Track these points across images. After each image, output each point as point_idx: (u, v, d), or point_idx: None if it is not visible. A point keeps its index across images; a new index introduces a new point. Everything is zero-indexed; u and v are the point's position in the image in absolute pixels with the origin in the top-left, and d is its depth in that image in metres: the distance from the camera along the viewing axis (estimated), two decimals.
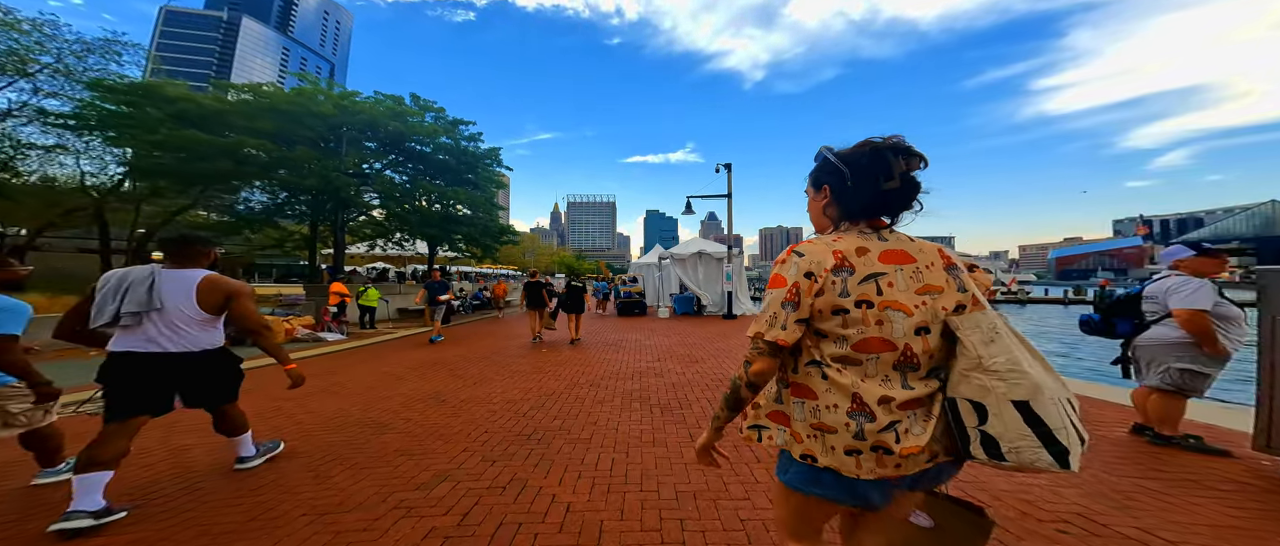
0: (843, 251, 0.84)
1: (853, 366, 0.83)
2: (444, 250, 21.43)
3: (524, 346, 7.59)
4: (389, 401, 4.11)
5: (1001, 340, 0.79)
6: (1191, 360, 2.60)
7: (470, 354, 6.80)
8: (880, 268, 0.83)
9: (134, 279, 2.05)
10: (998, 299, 37.72)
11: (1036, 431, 0.74)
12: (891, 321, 0.81)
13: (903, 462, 0.80)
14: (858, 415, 0.80)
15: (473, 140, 18.68)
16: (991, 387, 0.76)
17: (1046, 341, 16.70)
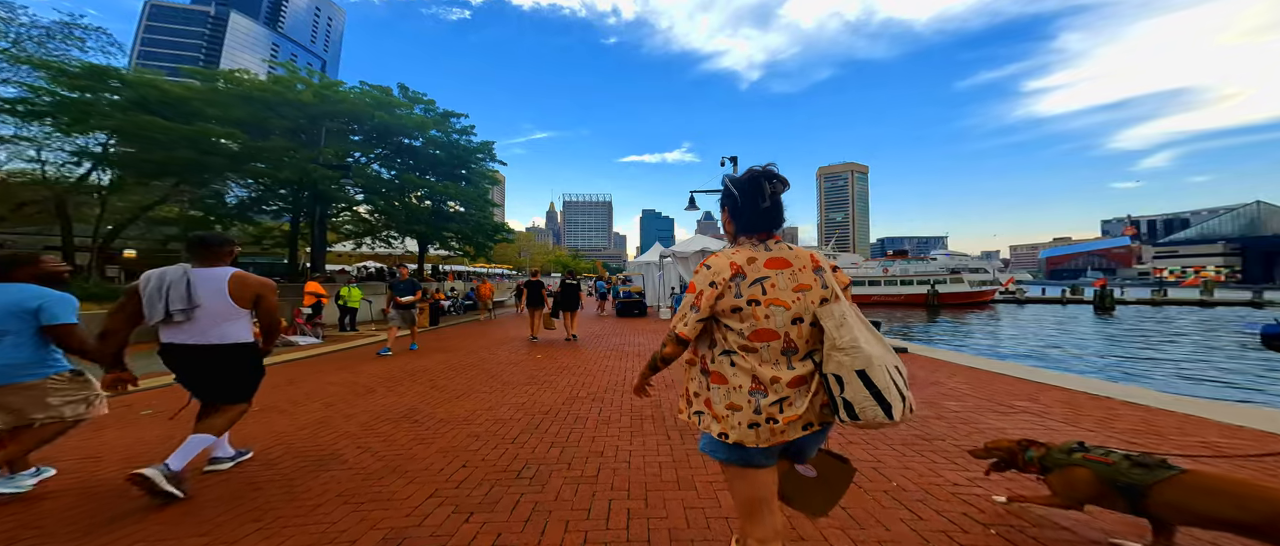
0: (738, 263, 1.09)
1: (751, 353, 1.07)
2: (435, 248, 20.61)
3: (517, 351, 6.90)
4: (348, 421, 3.41)
5: (848, 325, 1.03)
6: None
7: (455, 361, 6.09)
8: (765, 273, 1.08)
9: (171, 279, 2.17)
10: (997, 298, 37.69)
11: (871, 392, 0.98)
12: (775, 315, 1.06)
13: (786, 430, 1.04)
14: (756, 394, 1.04)
15: (464, 133, 17.91)
16: (843, 362, 1.00)
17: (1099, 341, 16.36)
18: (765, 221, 1.13)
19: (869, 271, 40.37)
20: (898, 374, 1.02)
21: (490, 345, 7.63)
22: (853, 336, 0.99)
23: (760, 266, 1.07)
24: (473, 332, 9.59)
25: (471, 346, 7.48)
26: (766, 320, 1.05)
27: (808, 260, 1.11)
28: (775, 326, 1.05)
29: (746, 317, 1.05)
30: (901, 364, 1.06)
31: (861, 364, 0.97)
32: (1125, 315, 28.00)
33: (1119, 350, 14.70)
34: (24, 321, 2.05)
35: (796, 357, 1.06)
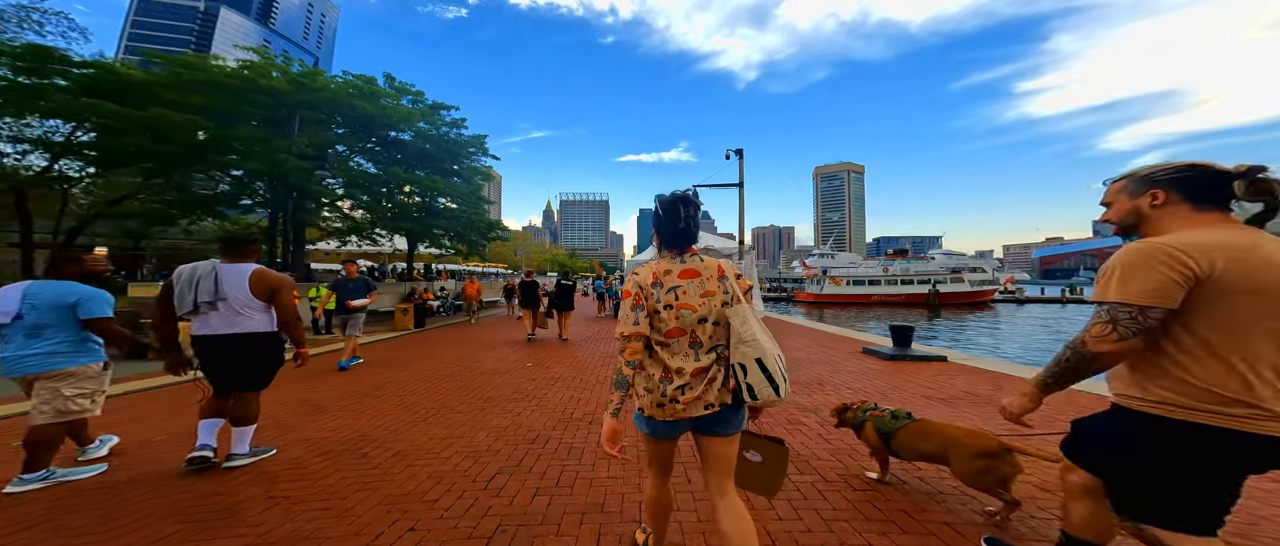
0: (656, 273, 1.33)
1: (665, 348, 1.31)
2: (425, 246, 19.77)
3: (505, 358, 6.18)
4: (274, 459, 2.67)
5: (750, 323, 1.27)
6: None
7: (433, 371, 5.36)
8: (679, 282, 1.31)
9: (201, 273, 2.44)
10: (997, 298, 37.38)
11: (765, 376, 1.23)
12: (684, 316, 1.29)
13: (686, 409, 1.27)
14: (665, 381, 1.28)
15: (455, 126, 17.12)
16: (746, 353, 1.25)
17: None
18: (681, 239, 1.36)
19: (869, 271, 39.93)
20: (780, 362, 1.28)
21: (476, 351, 6.90)
22: (753, 332, 1.26)
23: (675, 277, 1.32)
24: (458, 337, 8.85)
25: (455, 353, 6.75)
26: (677, 321, 1.29)
27: (715, 270, 1.35)
28: (684, 326, 1.29)
29: (663, 319, 1.30)
30: (782, 354, 1.31)
31: (759, 353, 1.24)
32: None
33: None
34: (63, 315, 2.27)
35: (702, 351, 1.30)
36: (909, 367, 5.05)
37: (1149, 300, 0.96)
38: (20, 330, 2.22)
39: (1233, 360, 0.94)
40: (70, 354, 2.30)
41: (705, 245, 12.17)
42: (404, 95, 15.35)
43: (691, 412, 1.26)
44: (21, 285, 2.30)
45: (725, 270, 1.34)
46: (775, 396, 1.22)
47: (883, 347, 5.85)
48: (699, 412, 1.27)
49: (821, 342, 7.18)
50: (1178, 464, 1.00)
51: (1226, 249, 0.94)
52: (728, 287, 1.31)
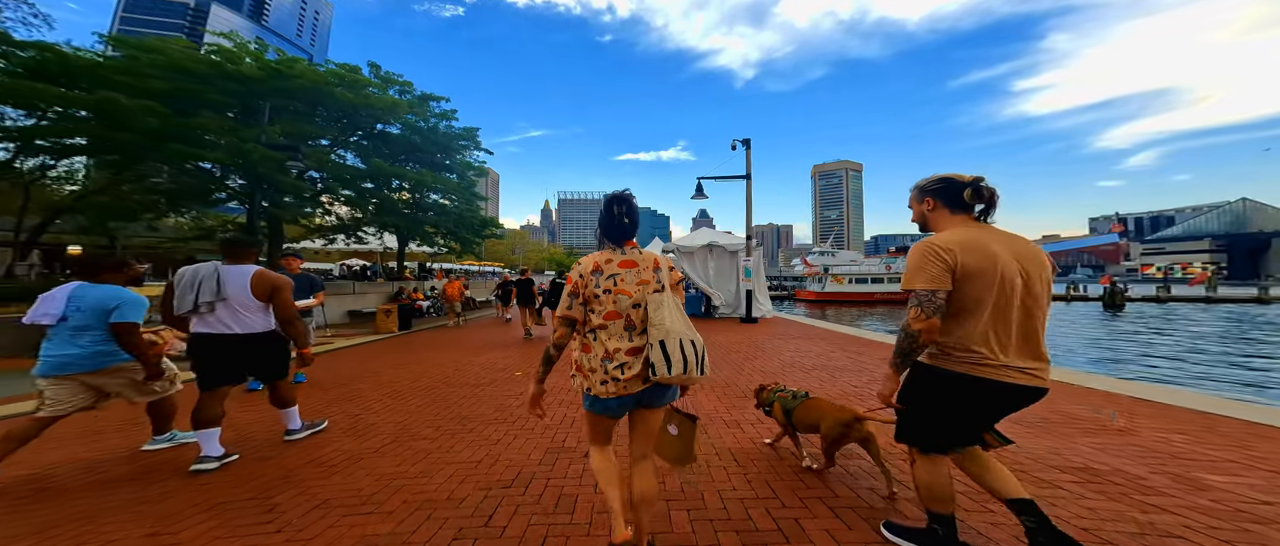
0: (598, 262, 1.49)
1: (604, 330, 1.44)
2: (417, 245, 18.97)
3: (490, 367, 5.45)
4: (139, 518, 1.94)
5: (664, 308, 1.41)
6: None
7: (402, 383, 4.63)
8: (617, 271, 1.47)
9: (204, 274, 2.51)
10: None
11: (664, 356, 1.34)
12: (620, 301, 1.44)
13: (627, 385, 1.41)
14: (606, 361, 1.42)
15: (445, 118, 16.32)
16: (653, 334, 1.38)
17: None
18: (618, 233, 1.52)
19: (871, 268, 39.34)
20: (691, 347, 1.37)
21: (461, 357, 6.17)
22: (662, 316, 1.40)
23: (614, 266, 1.48)
24: (445, 340, 8.12)
25: (436, 360, 6.02)
26: (614, 305, 1.44)
27: (651, 262, 1.51)
28: (620, 310, 1.44)
29: (601, 304, 1.45)
30: (699, 340, 1.41)
31: (663, 335, 1.37)
32: (1139, 313, 27.21)
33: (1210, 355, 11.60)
34: (103, 319, 2.36)
35: (636, 333, 1.45)
36: None
37: (934, 285, 1.33)
38: (65, 330, 2.31)
39: (979, 329, 1.32)
40: (118, 352, 2.39)
41: (708, 241, 11.46)
42: (391, 86, 14.56)
43: (632, 389, 1.42)
44: (67, 288, 2.40)
45: (660, 263, 1.52)
46: (667, 374, 1.34)
47: None
48: (639, 388, 1.42)
49: (847, 347, 6.49)
50: (959, 402, 1.38)
51: (965, 242, 1.34)
52: (660, 278, 1.49)
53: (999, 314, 1.29)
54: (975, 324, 1.30)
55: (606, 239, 1.53)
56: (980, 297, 1.28)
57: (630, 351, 1.41)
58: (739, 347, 6.60)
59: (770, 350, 6.33)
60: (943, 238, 1.35)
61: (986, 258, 1.28)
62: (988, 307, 1.28)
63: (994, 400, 1.34)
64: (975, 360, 1.31)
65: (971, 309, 1.30)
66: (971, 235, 1.34)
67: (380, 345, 7.59)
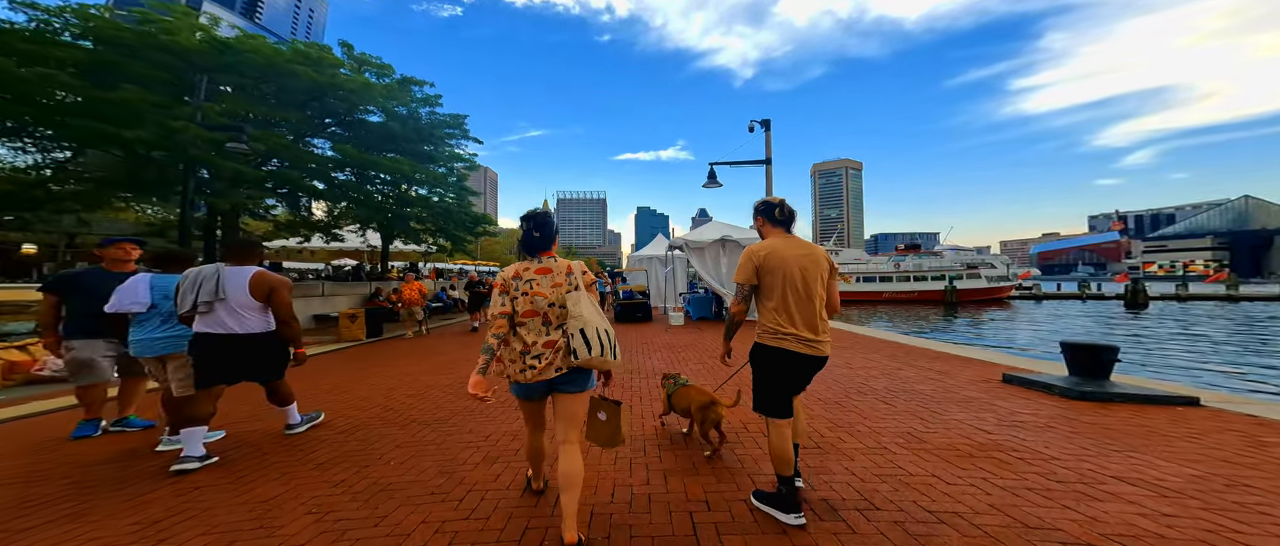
0: (517, 271, 1.80)
1: (523, 326, 1.75)
2: (403, 242, 17.65)
3: (455, 391, 4.18)
4: None
5: (581, 304, 1.72)
6: None
7: (335, 416, 3.35)
8: (534, 276, 1.78)
9: (205, 275, 2.58)
10: (1013, 294, 35.71)
11: (584, 341, 1.66)
12: (537, 302, 1.74)
13: (542, 372, 1.70)
14: (524, 353, 1.72)
15: (428, 104, 14.97)
16: (572, 325, 1.69)
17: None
18: (533, 246, 1.85)
19: (879, 267, 38.13)
20: (603, 335, 1.69)
21: (426, 375, 4.91)
22: (579, 310, 1.70)
23: (531, 272, 1.79)
24: (417, 351, 6.85)
25: (393, 380, 4.75)
26: (531, 304, 1.75)
27: (564, 268, 1.81)
28: (537, 309, 1.74)
29: (521, 303, 1.75)
30: (611, 330, 1.73)
31: (582, 325, 1.69)
32: (1164, 311, 26.03)
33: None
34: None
35: (551, 328, 1.75)
36: (1124, 418, 3.02)
37: (744, 279, 1.94)
38: (157, 317, 2.71)
39: (788, 309, 1.85)
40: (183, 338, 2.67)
41: (721, 235, 10.21)
42: (366, 68, 13.21)
43: (545, 376, 1.71)
44: (144, 278, 2.75)
45: (573, 269, 1.83)
46: (588, 355, 1.66)
47: (1042, 377, 3.87)
48: (551, 376, 1.72)
49: (909, 359, 5.25)
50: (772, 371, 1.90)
51: (768, 248, 1.90)
52: (573, 281, 1.80)
53: (787, 298, 1.85)
54: (775, 305, 1.88)
55: (524, 251, 1.87)
56: (774, 286, 1.87)
57: (546, 344, 1.73)
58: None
59: None
60: (755, 246, 1.96)
61: (778, 259, 1.87)
62: (779, 293, 1.86)
63: (794, 367, 1.87)
64: (778, 335, 1.86)
65: (770, 294, 1.89)
66: (773, 243, 1.92)
67: (338, 357, 6.32)
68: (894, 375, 4.48)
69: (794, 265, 1.84)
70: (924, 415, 3.22)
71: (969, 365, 4.88)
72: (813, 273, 1.86)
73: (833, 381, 4.30)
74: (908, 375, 4.44)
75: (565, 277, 1.78)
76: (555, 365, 1.69)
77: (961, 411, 3.27)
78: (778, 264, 1.85)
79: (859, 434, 2.89)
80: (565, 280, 1.77)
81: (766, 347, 1.89)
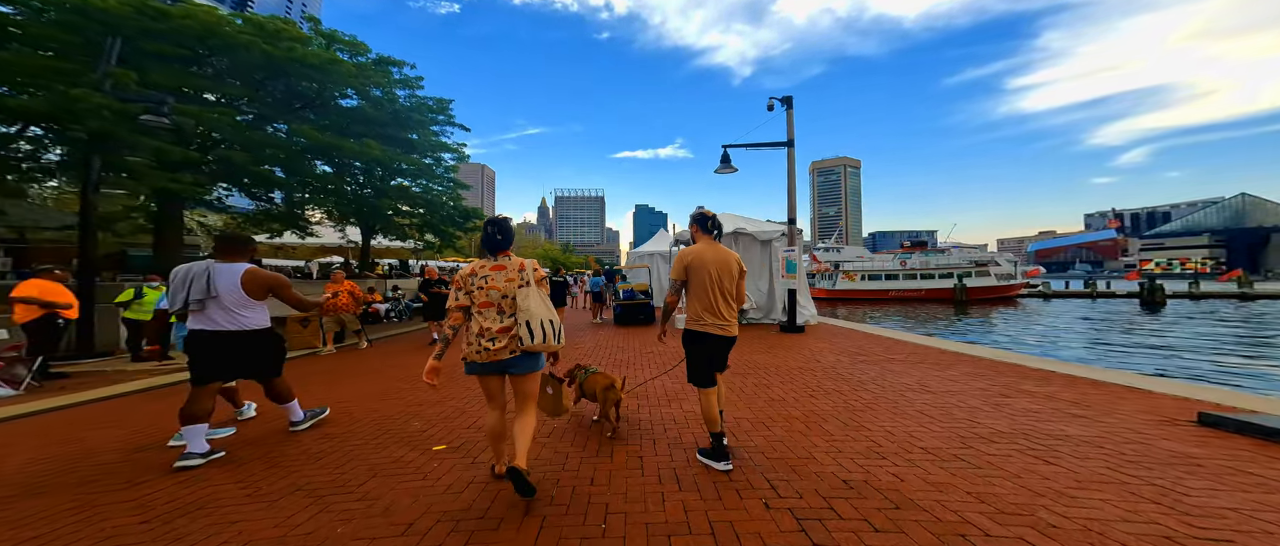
0: (474, 268, 2.12)
1: (480, 315, 2.07)
2: (389, 239, 16.37)
3: (396, 426, 2.96)
4: None
5: (529, 298, 2.03)
6: None
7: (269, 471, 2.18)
8: (488, 273, 2.10)
9: (196, 272, 2.59)
10: (1023, 293, 34.74)
11: (529, 331, 1.98)
12: (491, 294, 2.06)
13: (495, 354, 2.02)
14: (480, 336, 2.04)
15: (407, 86, 13.65)
16: (520, 316, 2.01)
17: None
18: (493, 246, 2.17)
19: (885, 264, 37.07)
20: (547, 325, 2.02)
21: (369, 403, 3.70)
22: (527, 304, 2.02)
23: (487, 269, 2.11)
24: (373, 364, 5.63)
25: (326, 403, 3.51)
26: (487, 297, 2.06)
27: (517, 266, 2.12)
28: (491, 300, 2.06)
29: (477, 295, 2.07)
30: (555, 319, 2.07)
31: (528, 317, 2.00)
32: (1181, 311, 25.07)
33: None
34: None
35: (505, 316, 2.06)
36: None
37: (676, 277, 2.44)
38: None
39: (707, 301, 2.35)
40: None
41: (734, 228, 9.04)
42: (337, 46, 11.86)
43: (499, 356, 2.03)
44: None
45: (525, 266, 2.12)
46: (531, 341, 1.98)
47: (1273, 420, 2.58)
48: (505, 357, 2.03)
49: (1026, 386, 4.05)
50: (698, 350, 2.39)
51: (695, 252, 2.40)
52: (525, 277, 2.09)
53: (706, 293, 2.36)
54: (698, 299, 2.38)
55: (485, 250, 2.21)
56: (698, 282, 2.37)
57: (500, 330, 2.04)
58: (804, 377, 4.21)
59: (867, 382, 3.93)
60: (686, 250, 2.46)
61: (701, 262, 2.38)
62: (701, 289, 2.37)
63: (712, 345, 2.37)
64: (701, 321, 2.38)
65: (695, 290, 2.39)
66: (700, 249, 2.43)
67: (316, 364, 5.10)
68: (1005, 405, 3.31)
69: (713, 267, 2.37)
70: (1133, 485, 2.05)
71: (1105, 391, 3.62)
72: (727, 273, 2.40)
73: (919, 414, 3.14)
74: (1027, 407, 3.26)
75: (518, 273, 2.11)
76: (510, 348, 2.04)
77: (1194, 479, 2.11)
78: (701, 265, 2.38)
79: (1059, 535, 1.70)
80: (517, 276, 2.11)
81: (692, 331, 2.41)
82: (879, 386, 3.94)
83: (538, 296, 2.05)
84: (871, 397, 3.59)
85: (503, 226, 2.15)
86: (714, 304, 2.34)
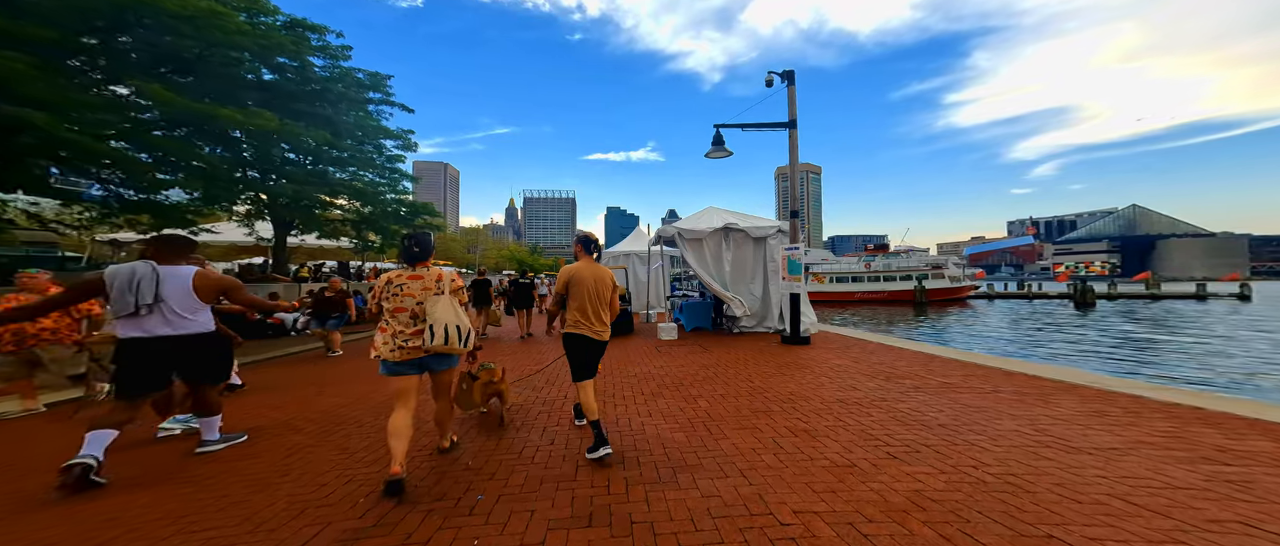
0: (391, 277, 2.39)
1: (395, 318, 2.35)
2: (302, 235, 13.62)
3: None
4: None
5: (438, 306, 2.33)
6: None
7: None
8: (406, 282, 2.38)
9: (141, 275, 2.46)
10: (971, 294, 37.04)
11: (431, 333, 2.28)
12: (406, 301, 2.36)
13: (410, 354, 2.33)
14: (394, 337, 2.32)
15: (327, 54, 11.26)
16: (428, 321, 2.31)
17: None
18: (411, 258, 2.45)
19: (851, 267, 38.17)
20: (452, 329, 2.30)
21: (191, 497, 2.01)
22: (435, 310, 2.31)
23: (404, 279, 2.38)
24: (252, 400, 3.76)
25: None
26: (401, 303, 2.35)
27: (435, 276, 2.42)
28: (406, 306, 2.35)
29: (393, 303, 2.35)
30: (461, 324, 2.34)
31: (434, 321, 2.28)
32: (1109, 310, 27.43)
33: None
34: None
35: (419, 321, 2.35)
36: None
37: (560, 289, 2.84)
38: None
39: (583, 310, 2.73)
40: None
41: (724, 223, 7.89)
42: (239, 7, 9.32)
43: (414, 356, 2.33)
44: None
45: (442, 277, 2.43)
46: (431, 343, 2.27)
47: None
48: (420, 356, 2.34)
49: (1064, 403, 3.06)
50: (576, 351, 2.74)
51: (575, 269, 2.80)
52: (440, 287, 2.40)
53: (584, 303, 2.73)
54: (577, 307, 2.74)
55: (403, 261, 2.48)
56: (577, 294, 2.75)
57: (414, 332, 2.33)
58: (853, 418, 2.97)
59: (958, 429, 2.72)
60: (568, 266, 2.85)
61: (579, 277, 2.76)
62: (580, 300, 2.74)
63: (587, 347, 2.74)
64: (578, 325, 2.73)
65: (574, 300, 2.75)
66: (580, 266, 2.82)
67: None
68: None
69: (591, 282, 2.76)
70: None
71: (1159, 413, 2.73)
72: (602, 287, 2.80)
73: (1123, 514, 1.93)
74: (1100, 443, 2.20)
75: (434, 283, 2.40)
76: (425, 348, 2.31)
77: None
78: (580, 280, 2.76)
79: None
80: (434, 285, 2.40)
81: (570, 334, 2.76)
82: (988, 440, 2.68)
83: (447, 303, 2.36)
84: (996, 466, 2.31)
85: (420, 240, 2.47)
86: (589, 312, 2.74)
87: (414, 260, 2.41)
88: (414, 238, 2.42)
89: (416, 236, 2.43)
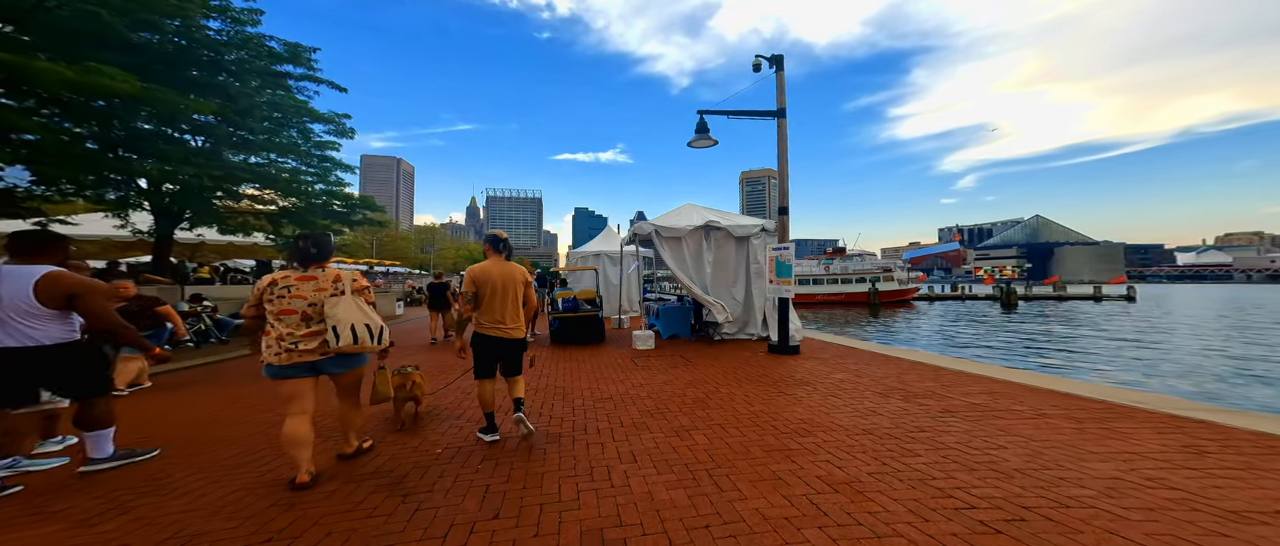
0: (274, 278, 2.31)
1: (281, 321, 2.27)
2: (197, 229, 11.17)
3: None
4: None
5: (340, 306, 2.30)
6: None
7: None
8: (293, 283, 2.31)
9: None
10: (916, 296, 39.97)
11: (335, 334, 2.25)
12: (295, 304, 2.29)
13: (301, 357, 2.26)
14: (280, 340, 2.24)
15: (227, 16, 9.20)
16: (328, 322, 2.27)
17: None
18: (304, 259, 2.40)
19: (811, 269, 39.72)
20: (365, 329, 2.32)
21: None
22: (335, 311, 2.28)
23: (292, 280, 2.32)
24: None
25: None
26: (289, 305, 2.28)
27: (332, 276, 2.38)
28: (294, 308, 2.28)
29: (278, 304, 2.27)
30: (371, 323, 2.36)
31: (335, 322, 2.25)
32: (1030, 310, 30.57)
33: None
34: None
35: (313, 322, 2.31)
36: None
37: (469, 289, 2.83)
38: None
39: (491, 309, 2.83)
40: None
41: (705, 221, 7.22)
42: None
43: (306, 359, 2.27)
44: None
45: (340, 277, 2.39)
46: (337, 344, 2.25)
47: None
48: (314, 358, 2.29)
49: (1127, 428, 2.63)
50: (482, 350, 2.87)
51: (484, 268, 2.86)
52: (340, 287, 2.36)
53: (494, 302, 2.82)
54: (487, 307, 2.82)
55: (295, 262, 2.42)
56: (486, 294, 2.81)
57: (306, 335, 2.27)
58: (901, 468, 2.27)
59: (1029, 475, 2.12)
60: (475, 266, 2.88)
61: (488, 276, 2.82)
62: (489, 299, 2.81)
63: (496, 346, 2.86)
64: (489, 327, 2.83)
65: (485, 300, 2.82)
66: (488, 265, 2.87)
67: None
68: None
69: (499, 281, 2.82)
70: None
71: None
72: (510, 285, 2.86)
73: None
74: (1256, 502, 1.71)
75: (331, 284, 2.35)
76: (320, 351, 2.28)
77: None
78: (489, 279, 2.81)
79: None
80: (330, 286, 2.35)
81: (479, 335, 2.86)
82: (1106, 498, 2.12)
83: (349, 303, 2.33)
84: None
85: (319, 241, 2.43)
86: (497, 311, 2.84)
87: (309, 261, 2.39)
88: (311, 238, 2.43)
89: (314, 237, 2.43)
